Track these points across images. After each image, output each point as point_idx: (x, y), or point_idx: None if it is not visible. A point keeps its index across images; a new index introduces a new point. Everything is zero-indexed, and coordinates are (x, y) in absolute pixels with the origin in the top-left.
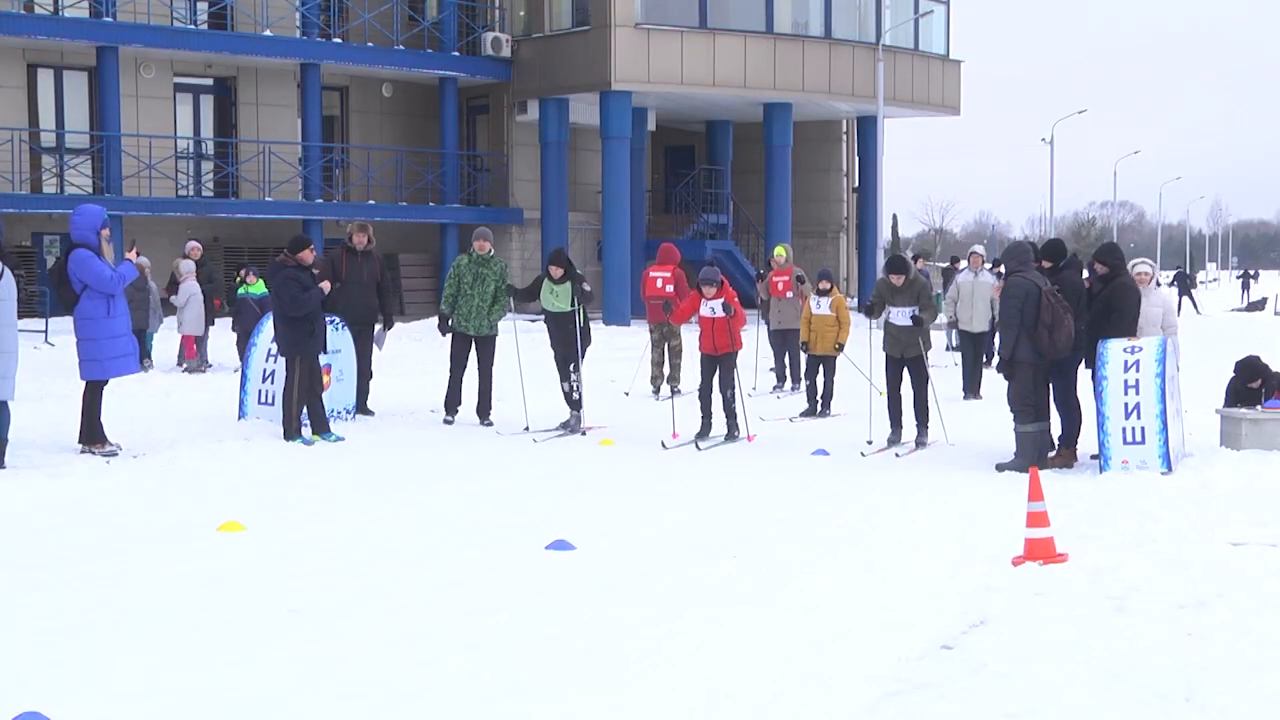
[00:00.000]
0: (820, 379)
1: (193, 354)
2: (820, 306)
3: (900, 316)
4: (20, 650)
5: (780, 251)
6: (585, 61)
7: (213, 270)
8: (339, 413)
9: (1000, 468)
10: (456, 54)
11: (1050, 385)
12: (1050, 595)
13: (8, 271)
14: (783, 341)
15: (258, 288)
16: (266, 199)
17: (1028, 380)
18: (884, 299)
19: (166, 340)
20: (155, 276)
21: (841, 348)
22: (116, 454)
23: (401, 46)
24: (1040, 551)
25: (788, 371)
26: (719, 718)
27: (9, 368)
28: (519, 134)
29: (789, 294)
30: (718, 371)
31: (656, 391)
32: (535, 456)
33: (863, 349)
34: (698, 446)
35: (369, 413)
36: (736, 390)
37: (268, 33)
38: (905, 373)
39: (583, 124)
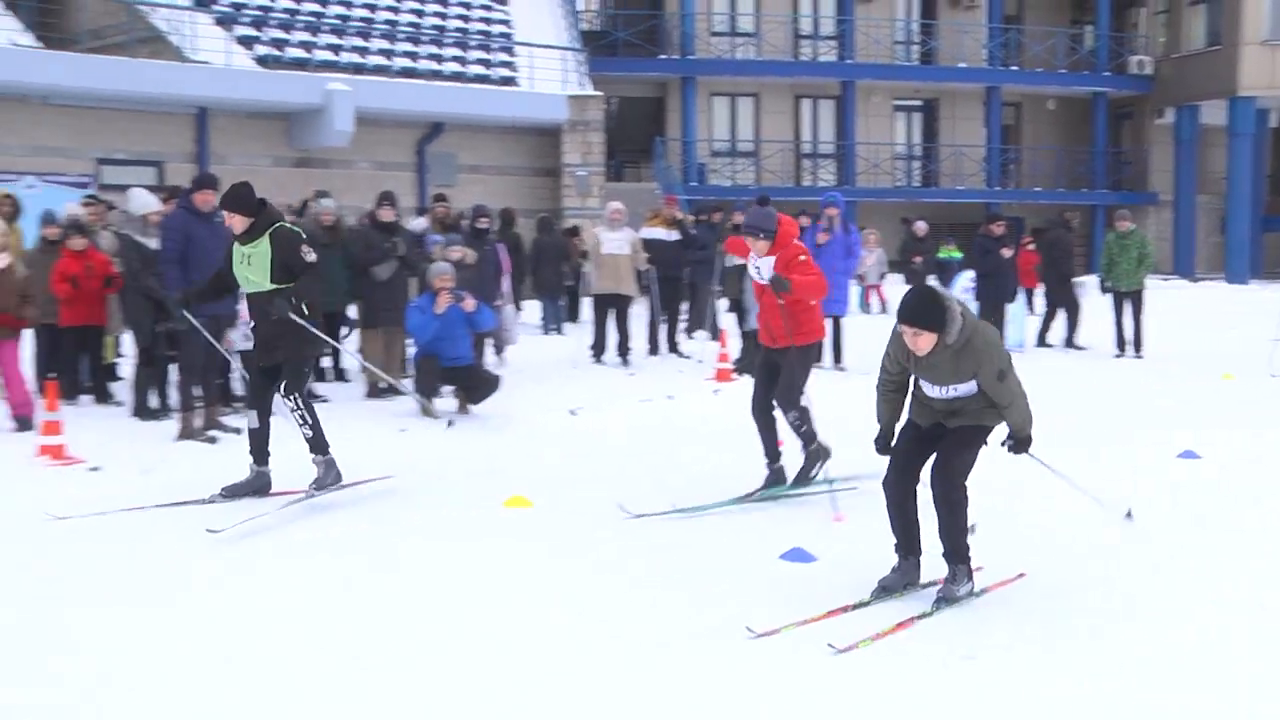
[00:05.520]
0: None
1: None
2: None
3: (949, 393)
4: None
5: None
6: (1215, 74)
7: (928, 247)
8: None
9: None
10: (1107, 74)
11: None
12: None
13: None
14: None
15: (954, 252)
16: (958, 188)
17: None
18: (902, 363)
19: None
20: (880, 244)
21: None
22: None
23: (1064, 70)
24: None
25: None
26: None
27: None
28: (1156, 134)
29: None
30: (779, 378)
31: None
32: None
33: None
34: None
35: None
36: (806, 406)
37: (961, 65)
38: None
39: (1210, 124)
